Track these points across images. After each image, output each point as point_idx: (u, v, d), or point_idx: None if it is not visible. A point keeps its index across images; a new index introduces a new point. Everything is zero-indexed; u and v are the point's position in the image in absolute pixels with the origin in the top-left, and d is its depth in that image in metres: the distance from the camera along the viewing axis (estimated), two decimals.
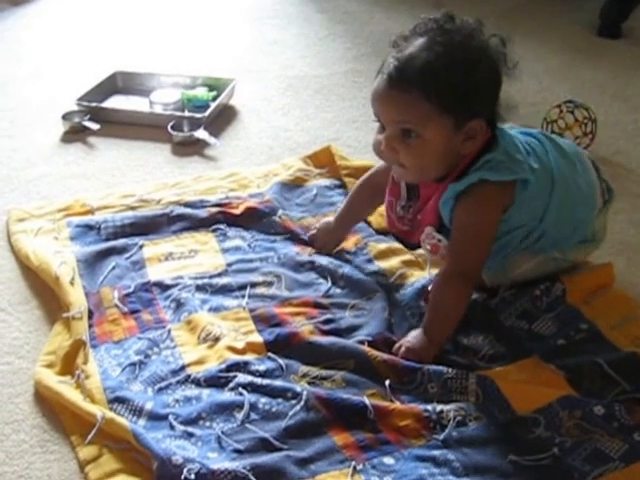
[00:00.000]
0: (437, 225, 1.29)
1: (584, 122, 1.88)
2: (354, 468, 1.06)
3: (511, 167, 1.24)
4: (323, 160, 1.83)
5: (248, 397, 1.17)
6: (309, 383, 1.20)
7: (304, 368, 1.23)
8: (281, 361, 1.24)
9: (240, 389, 1.18)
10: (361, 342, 1.27)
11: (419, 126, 1.18)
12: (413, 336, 1.26)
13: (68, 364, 1.26)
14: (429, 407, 1.15)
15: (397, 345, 1.26)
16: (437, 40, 1.18)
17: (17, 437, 1.15)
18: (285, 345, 1.27)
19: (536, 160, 1.30)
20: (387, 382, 1.19)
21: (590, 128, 1.88)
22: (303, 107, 2.17)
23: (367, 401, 1.15)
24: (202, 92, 2.14)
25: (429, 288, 1.33)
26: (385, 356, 1.23)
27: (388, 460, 1.08)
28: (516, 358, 1.26)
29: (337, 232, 1.52)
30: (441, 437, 1.11)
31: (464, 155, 1.23)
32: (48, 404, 1.20)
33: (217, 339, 1.29)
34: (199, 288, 1.41)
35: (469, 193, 1.23)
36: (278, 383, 1.19)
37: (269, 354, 1.25)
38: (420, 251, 1.41)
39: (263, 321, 1.33)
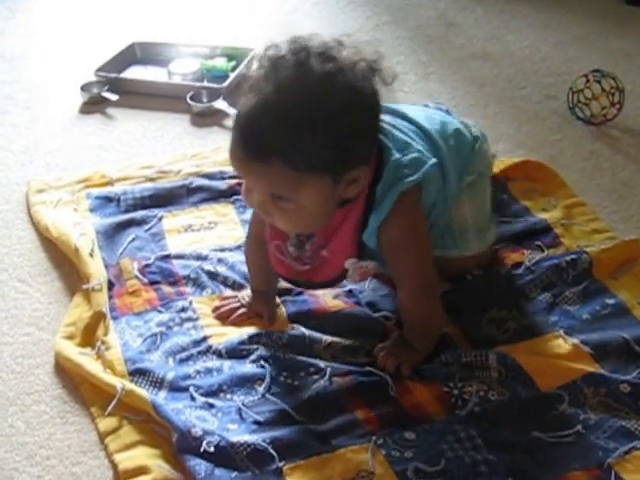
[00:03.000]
0: (356, 255, 1.15)
1: (611, 92, 1.84)
2: (375, 442, 1.05)
3: (412, 163, 1.12)
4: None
5: (270, 370, 1.16)
6: (332, 356, 1.20)
7: (328, 338, 1.22)
8: (305, 330, 1.23)
9: (262, 362, 1.18)
10: (386, 318, 1.26)
11: (289, 194, 1.02)
12: (396, 341, 1.20)
13: (88, 336, 1.26)
14: (450, 383, 1.13)
15: (379, 347, 1.19)
16: (291, 90, 0.99)
17: (38, 408, 1.16)
18: (309, 316, 1.27)
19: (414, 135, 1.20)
20: None
21: (617, 98, 1.84)
22: None
23: (389, 377, 1.14)
24: (221, 62, 2.11)
25: None
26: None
27: (409, 435, 1.06)
28: (540, 332, 1.24)
29: (267, 297, 1.29)
30: (463, 413, 1.09)
31: (350, 198, 1.09)
32: (68, 375, 1.20)
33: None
34: (220, 261, 1.40)
35: (393, 213, 1.10)
36: (301, 357, 1.18)
37: (292, 325, 1.25)
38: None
39: (285, 293, 1.32)
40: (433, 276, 1.18)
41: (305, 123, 0.97)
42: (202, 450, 1.03)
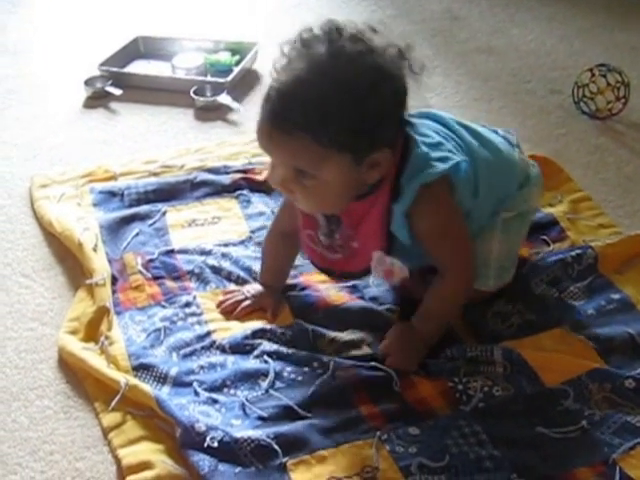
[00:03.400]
0: (383, 247, 1.15)
1: (617, 86, 1.83)
2: (379, 438, 1.05)
3: (439, 158, 1.11)
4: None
5: (273, 365, 1.16)
6: (336, 351, 1.19)
7: (331, 333, 1.22)
8: (308, 326, 1.22)
9: (265, 357, 1.17)
10: (390, 310, 1.26)
11: (312, 169, 1.04)
12: (399, 334, 1.19)
13: (92, 331, 1.25)
14: (455, 378, 1.13)
15: (383, 345, 1.18)
16: (322, 67, 1.01)
17: (41, 403, 1.15)
18: (313, 310, 1.26)
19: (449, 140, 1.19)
20: None
21: (623, 92, 1.83)
22: None
23: (393, 373, 1.14)
24: (225, 56, 2.11)
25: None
26: None
27: (413, 430, 1.06)
28: (545, 327, 1.23)
29: (274, 292, 1.30)
30: (467, 408, 1.09)
31: (372, 184, 1.09)
32: (72, 370, 1.20)
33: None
34: (224, 256, 1.39)
35: (417, 203, 1.09)
36: (304, 352, 1.18)
37: (296, 320, 1.24)
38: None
39: (289, 288, 1.32)
40: (472, 272, 1.19)
41: (333, 101, 0.99)
42: (206, 445, 1.03)
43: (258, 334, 1.22)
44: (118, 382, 1.13)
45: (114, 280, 1.34)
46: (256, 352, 1.19)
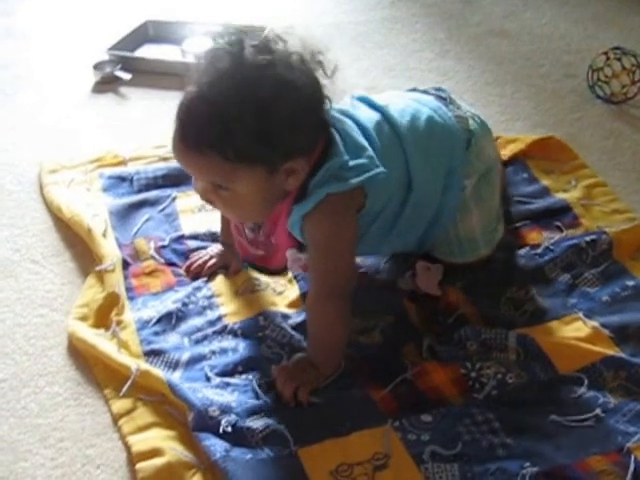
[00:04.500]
0: (296, 245, 1.15)
1: (632, 70, 1.81)
2: (391, 425, 1.04)
3: (355, 168, 1.08)
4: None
5: (285, 352, 1.16)
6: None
7: None
8: None
9: (278, 347, 1.17)
10: (401, 292, 1.25)
11: (224, 183, 1.04)
12: (296, 362, 1.14)
13: (102, 317, 1.25)
14: (468, 364, 1.12)
15: (277, 368, 1.13)
16: (222, 82, 1.00)
17: (51, 390, 1.15)
18: None
19: (378, 133, 1.16)
20: (425, 342, 1.17)
21: (638, 76, 1.81)
22: (339, 55, 2.11)
23: (407, 362, 1.13)
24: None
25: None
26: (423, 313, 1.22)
27: (426, 417, 1.05)
28: (559, 314, 1.22)
29: (234, 250, 1.31)
30: (480, 396, 1.08)
31: (291, 190, 1.08)
32: (82, 357, 1.20)
33: (255, 291, 1.28)
34: None
35: (316, 209, 1.07)
36: None
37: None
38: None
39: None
40: (343, 287, 1.13)
41: (234, 115, 0.99)
42: (221, 430, 1.02)
43: (270, 318, 1.21)
44: (129, 367, 1.12)
45: (125, 265, 1.34)
46: (268, 341, 1.18)
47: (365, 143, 1.13)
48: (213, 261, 1.33)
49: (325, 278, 1.12)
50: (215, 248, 1.35)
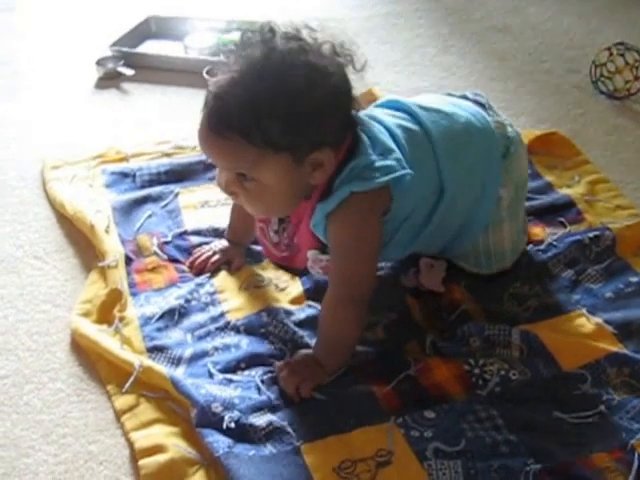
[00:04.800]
0: (319, 246, 1.13)
1: (635, 65, 1.81)
2: (394, 421, 1.04)
3: (381, 168, 1.07)
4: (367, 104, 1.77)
5: (288, 348, 1.16)
6: None
7: None
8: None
9: (280, 343, 1.17)
10: (404, 288, 1.25)
11: (251, 171, 1.03)
12: (300, 358, 1.13)
13: (104, 313, 1.25)
14: (471, 361, 1.12)
15: (280, 364, 1.12)
16: (254, 68, 1.00)
17: (54, 386, 1.15)
18: (325, 292, 1.24)
19: (407, 138, 1.14)
20: (428, 338, 1.17)
21: None
22: None
23: (410, 359, 1.13)
24: (238, 37, 2.08)
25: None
26: (426, 310, 1.22)
27: (429, 414, 1.05)
28: (562, 311, 1.22)
29: (239, 249, 1.34)
30: (484, 392, 1.08)
31: (317, 185, 1.07)
32: (85, 353, 1.20)
33: (257, 288, 1.28)
34: None
35: (340, 208, 1.06)
36: None
37: (309, 302, 1.24)
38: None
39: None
40: (363, 291, 1.11)
41: (263, 100, 0.98)
42: (225, 426, 1.02)
43: (272, 315, 1.21)
44: (132, 364, 1.12)
45: (128, 260, 1.33)
46: (271, 337, 1.18)
47: (393, 146, 1.11)
48: (216, 257, 1.33)
49: (347, 282, 1.11)
50: (219, 244, 1.35)
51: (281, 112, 0.99)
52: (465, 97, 1.28)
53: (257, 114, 0.99)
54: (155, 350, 1.17)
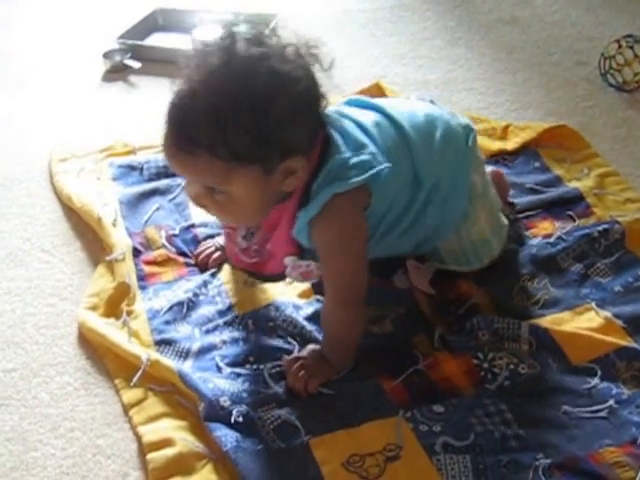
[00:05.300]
0: (296, 252, 1.10)
1: None
2: (402, 415, 1.04)
3: (358, 165, 1.04)
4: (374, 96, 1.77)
5: (297, 343, 1.15)
6: None
7: None
8: None
9: (289, 338, 1.17)
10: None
11: (221, 185, 0.99)
12: (309, 354, 1.12)
13: (112, 306, 1.25)
14: (480, 355, 1.11)
15: (289, 359, 1.12)
16: (214, 78, 0.95)
17: (61, 379, 1.15)
18: None
19: (379, 131, 1.12)
20: (436, 332, 1.16)
21: None
22: (349, 43, 2.10)
23: (418, 353, 1.13)
24: (245, 29, 2.08)
25: None
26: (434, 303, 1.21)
27: (438, 408, 1.05)
28: (571, 305, 1.22)
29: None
30: (493, 387, 1.08)
31: (291, 191, 1.04)
32: (92, 347, 1.19)
33: None
34: None
35: (324, 211, 1.03)
36: None
37: (317, 296, 1.23)
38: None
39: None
40: (359, 292, 1.10)
41: (227, 112, 0.94)
42: (233, 420, 1.02)
43: (280, 309, 1.21)
44: (139, 357, 1.12)
45: (137, 252, 1.33)
46: (279, 331, 1.18)
47: (366, 140, 1.09)
48: (218, 254, 1.31)
49: (341, 283, 1.10)
50: (221, 240, 1.34)
51: (246, 124, 0.94)
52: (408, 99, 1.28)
53: (221, 128, 0.94)
54: (163, 343, 1.16)
